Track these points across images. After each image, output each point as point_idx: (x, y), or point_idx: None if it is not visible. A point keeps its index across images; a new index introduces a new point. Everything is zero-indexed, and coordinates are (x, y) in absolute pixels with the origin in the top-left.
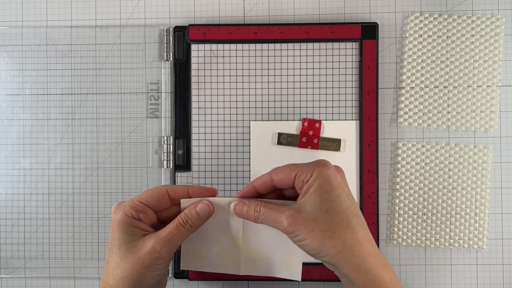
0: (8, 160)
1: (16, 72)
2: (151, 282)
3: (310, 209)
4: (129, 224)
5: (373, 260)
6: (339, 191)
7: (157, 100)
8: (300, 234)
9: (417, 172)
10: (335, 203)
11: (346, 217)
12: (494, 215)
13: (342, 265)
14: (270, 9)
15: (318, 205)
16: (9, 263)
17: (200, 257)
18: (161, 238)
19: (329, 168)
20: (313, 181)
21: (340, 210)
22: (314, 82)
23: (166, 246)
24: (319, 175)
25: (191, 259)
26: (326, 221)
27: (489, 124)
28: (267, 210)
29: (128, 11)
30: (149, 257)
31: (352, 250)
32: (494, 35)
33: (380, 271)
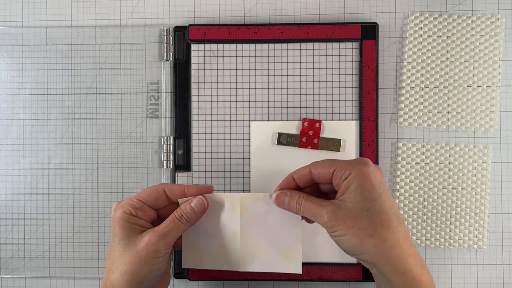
0: (8, 160)
1: (16, 72)
2: (150, 276)
3: (351, 206)
4: (127, 221)
5: (413, 261)
6: (379, 190)
7: (157, 100)
8: (339, 230)
9: (417, 172)
10: (376, 202)
11: (388, 217)
12: (494, 215)
13: (381, 264)
14: (270, 9)
15: (359, 203)
16: (9, 263)
17: (201, 255)
18: (157, 231)
19: (369, 166)
20: (352, 178)
21: (381, 209)
22: (314, 82)
23: (163, 239)
24: (359, 173)
25: (191, 257)
26: (367, 220)
27: (489, 124)
28: (308, 203)
29: (128, 11)
30: (146, 250)
31: (392, 250)
32: (494, 35)
33: (419, 272)
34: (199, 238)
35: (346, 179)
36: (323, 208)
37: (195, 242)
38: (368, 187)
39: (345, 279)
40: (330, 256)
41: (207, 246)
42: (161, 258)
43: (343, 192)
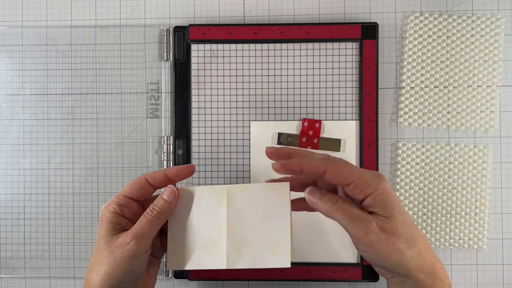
0: (8, 160)
1: (16, 72)
2: (126, 278)
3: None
4: (111, 220)
5: (440, 265)
6: (400, 204)
7: (157, 100)
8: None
9: (417, 172)
10: (403, 215)
11: (415, 227)
12: (494, 215)
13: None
14: (270, 9)
15: (396, 219)
16: (9, 263)
17: (185, 255)
18: (131, 231)
19: (386, 181)
20: (378, 195)
21: (409, 221)
22: (314, 82)
23: (137, 238)
24: (384, 190)
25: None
26: (405, 233)
27: (489, 124)
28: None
29: (128, 11)
30: (120, 250)
31: (426, 257)
32: (494, 35)
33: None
34: (184, 237)
35: (370, 196)
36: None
37: (179, 241)
38: (394, 202)
39: (345, 279)
40: (330, 256)
41: (192, 245)
42: (138, 258)
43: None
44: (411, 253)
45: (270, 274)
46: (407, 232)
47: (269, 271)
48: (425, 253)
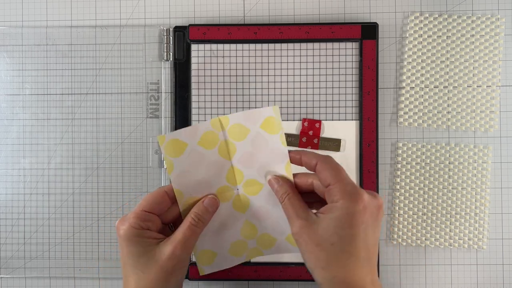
0: (8, 160)
1: (16, 72)
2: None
3: (321, 232)
4: (139, 236)
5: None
6: (357, 231)
7: (157, 100)
8: (300, 246)
9: (417, 172)
10: (344, 240)
11: (349, 257)
12: (494, 215)
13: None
14: (270, 9)
15: (329, 235)
16: (9, 263)
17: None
18: (178, 242)
19: (359, 205)
20: (336, 208)
21: (346, 249)
22: (314, 82)
23: (184, 248)
24: (345, 208)
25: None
26: (326, 252)
27: (489, 124)
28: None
29: (128, 11)
30: (171, 263)
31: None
32: (494, 35)
33: None
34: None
35: (333, 203)
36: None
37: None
38: (345, 225)
39: None
40: None
41: (217, 247)
42: (185, 268)
43: (323, 212)
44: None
45: (270, 274)
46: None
47: (269, 270)
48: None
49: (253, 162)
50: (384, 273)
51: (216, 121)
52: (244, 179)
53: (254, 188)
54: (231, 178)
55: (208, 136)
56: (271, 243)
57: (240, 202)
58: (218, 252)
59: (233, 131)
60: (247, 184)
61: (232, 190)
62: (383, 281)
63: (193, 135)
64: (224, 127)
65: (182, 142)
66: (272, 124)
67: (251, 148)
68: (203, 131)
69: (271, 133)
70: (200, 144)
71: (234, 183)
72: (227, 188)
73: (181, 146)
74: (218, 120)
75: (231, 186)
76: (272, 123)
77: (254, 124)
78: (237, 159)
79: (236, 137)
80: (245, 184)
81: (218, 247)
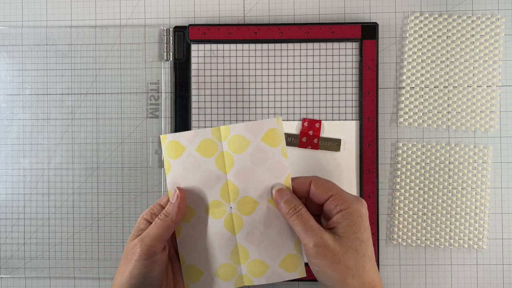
0: (8, 160)
1: (16, 72)
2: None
3: (342, 242)
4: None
5: None
6: (368, 233)
7: (157, 100)
8: (323, 261)
9: (417, 172)
10: (364, 244)
11: (370, 261)
12: (494, 215)
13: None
14: (270, 9)
15: (351, 241)
16: (9, 263)
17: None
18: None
19: (365, 208)
20: (349, 214)
21: (366, 252)
22: (314, 82)
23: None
24: (356, 212)
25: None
26: (354, 259)
27: (489, 124)
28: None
29: (128, 11)
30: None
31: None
32: (494, 35)
33: None
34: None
35: (341, 212)
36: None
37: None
38: (361, 228)
39: None
40: None
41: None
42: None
43: (335, 224)
44: (353, 281)
45: None
46: (356, 259)
47: None
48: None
49: (250, 178)
50: (384, 273)
51: (217, 130)
52: (239, 196)
53: (248, 206)
54: (225, 193)
55: (206, 143)
56: (263, 271)
57: (232, 222)
58: (205, 272)
59: (233, 143)
60: (241, 202)
61: (225, 207)
62: (383, 281)
63: (192, 140)
64: (224, 138)
65: (181, 145)
66: (274, 136)
67: (249, 162)
68: (202, 137)
69: (272, 146)
70: (197, 150)
71: (228, 200)
72: (219, 204)
73: (180, 149)
74: (218, 130)
75: (224, 202)
76: (274, 135)
77: (255, 136)
78: (233, 173)
79: (236, 149)
80: (239, 202)
81: (205, 267)
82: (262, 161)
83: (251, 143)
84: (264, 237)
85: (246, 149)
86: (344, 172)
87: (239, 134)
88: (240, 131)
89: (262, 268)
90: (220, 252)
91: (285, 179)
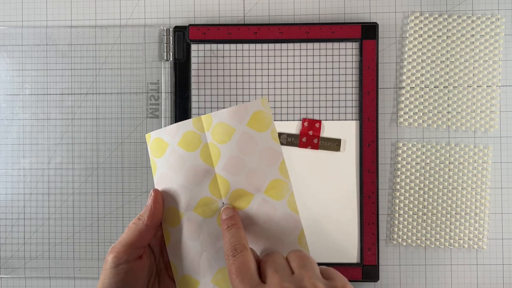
0: (8, 160)
1: (16, 72)
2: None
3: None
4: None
5: None
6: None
7: (157, 100)
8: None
9: (417, 172)
10: None
11: None
12: (494, 215)
13: None
14: (270, 9)
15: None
16: (9, 263)
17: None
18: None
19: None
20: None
21: None
22: (314, 82)
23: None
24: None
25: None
26: None
27: (489, 124)
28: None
29: (128, 11)
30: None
31: None
32: (494, 35)
33: None
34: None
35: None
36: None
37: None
38: None
39: None
40: (330, 256)
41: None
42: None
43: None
44: None
45: None
46: None
47: None
48: None
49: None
50: (384, 273)
51: (198, 121)
52: (231, 189)
53: (242, 200)
54: (214, 188)
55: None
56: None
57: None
58: (201, 281)
59: (217, 132)
60: (233, 195)
61: (216, 203)
62: (383, 281)
63: (173, 135)
64: (207, 128)
65: (164, 142)
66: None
67: (237, 151)
68: (184, 130)
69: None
70: (180, 145)
71: (219, 196)
72: (210, 201)
73: (163, 146)
74: (200, 120)
75: (215, 198)
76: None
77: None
78: (221, 166)
79: (220, 139)
80: (231, 196)
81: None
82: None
83: (236, 130)
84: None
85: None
86: (344, 172)
87: (222, 122)
88: (223, 118)
89: None
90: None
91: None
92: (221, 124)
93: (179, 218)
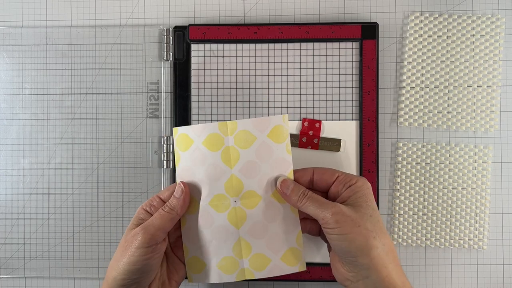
0: (8, 160)
1: (16, 72)
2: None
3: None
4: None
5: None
6: (375, 203)
7: (157, 100)
8: (344, 227)
9: (417, 172)
10: (375, 212)
11: (383, 226)
12: (494, 215)
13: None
14: (270, 9)
15: (364, 209)
16: (9, 263)
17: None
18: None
19: (369, 183)
20: (358, 187)
21: (379, 219)
22: (314, 82)
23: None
24: (364, 185)
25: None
26: (371, 223)
27: (489, 124)
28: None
29: (128, 11)
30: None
31: (388, 254)
32: (494, 35)
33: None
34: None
35: (351, 187)
36: (328, 204)
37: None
38: (370, 198)
39: None
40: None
41: (207, 258)
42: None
43: (345, 198)
44: (375, 242)
45: None
46: (373, 223)
47: None
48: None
49: (254, 173)
50: None
51: (224, 125)
52: (244, 190)
53: (252, 200)
54: (229, 187)
55: (213, 137)
56: (265, 264)
57: (236, 216)
58: (208, 264)
59: (239, 138)
60: (245, 196)
61: (229, 201)
62: None
63: (199, 134)
64: (231, 132)
65: (190, 138)
66: (279, 133)
67: (255, 157)
68: (209, 131)
69: (277, 142)
70: (204, 144)
71: (232, 194)
72: (224, 197)
73: (188, 142)
74: (225, 124)
75: (229, 196)
76: (279, 132)
77: (261, 132)
78: (238, 168)
79: (242, 144)
80: (243, 196)
81: (208, 258)
82: (267, 157)
83: (257, 139)
84: (266, 231)
85: (252, 144)
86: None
87: (246, 130)
88: (247, 127)
89: (263, 262)
90: (223, 245)
91: (288, 175)
92: (244, 131)
93: (197, 207)
